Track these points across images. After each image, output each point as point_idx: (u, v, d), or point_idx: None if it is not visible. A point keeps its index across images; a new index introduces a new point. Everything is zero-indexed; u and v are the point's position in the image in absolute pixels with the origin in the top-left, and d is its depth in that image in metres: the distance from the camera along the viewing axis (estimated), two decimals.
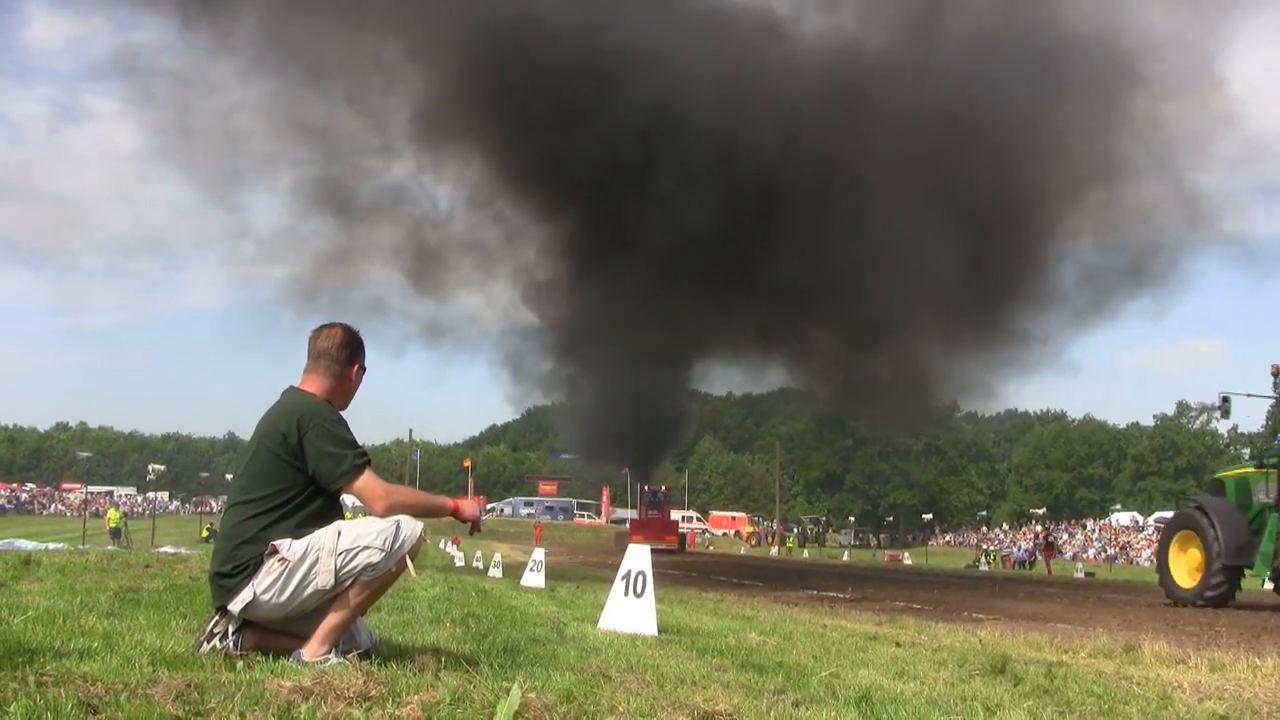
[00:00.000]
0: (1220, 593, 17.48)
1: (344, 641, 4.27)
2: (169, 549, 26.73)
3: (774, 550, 73.38)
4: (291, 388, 4.49)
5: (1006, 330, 37.55)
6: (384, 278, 41.21)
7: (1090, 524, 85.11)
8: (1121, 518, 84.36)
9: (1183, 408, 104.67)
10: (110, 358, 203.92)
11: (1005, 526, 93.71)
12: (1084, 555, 67.40)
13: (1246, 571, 17.91)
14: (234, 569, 4.19)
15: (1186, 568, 18.34)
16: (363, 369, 4.59)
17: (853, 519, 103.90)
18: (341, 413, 4.48)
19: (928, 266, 31.87)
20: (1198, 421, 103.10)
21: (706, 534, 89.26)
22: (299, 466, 4.26)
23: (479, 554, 28.04)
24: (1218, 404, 21.98)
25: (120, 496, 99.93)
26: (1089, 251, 37.54)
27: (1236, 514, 18.05)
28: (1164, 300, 42.13)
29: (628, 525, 59.70)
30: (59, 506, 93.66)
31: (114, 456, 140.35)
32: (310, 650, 4.14)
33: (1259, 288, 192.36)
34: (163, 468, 70.34)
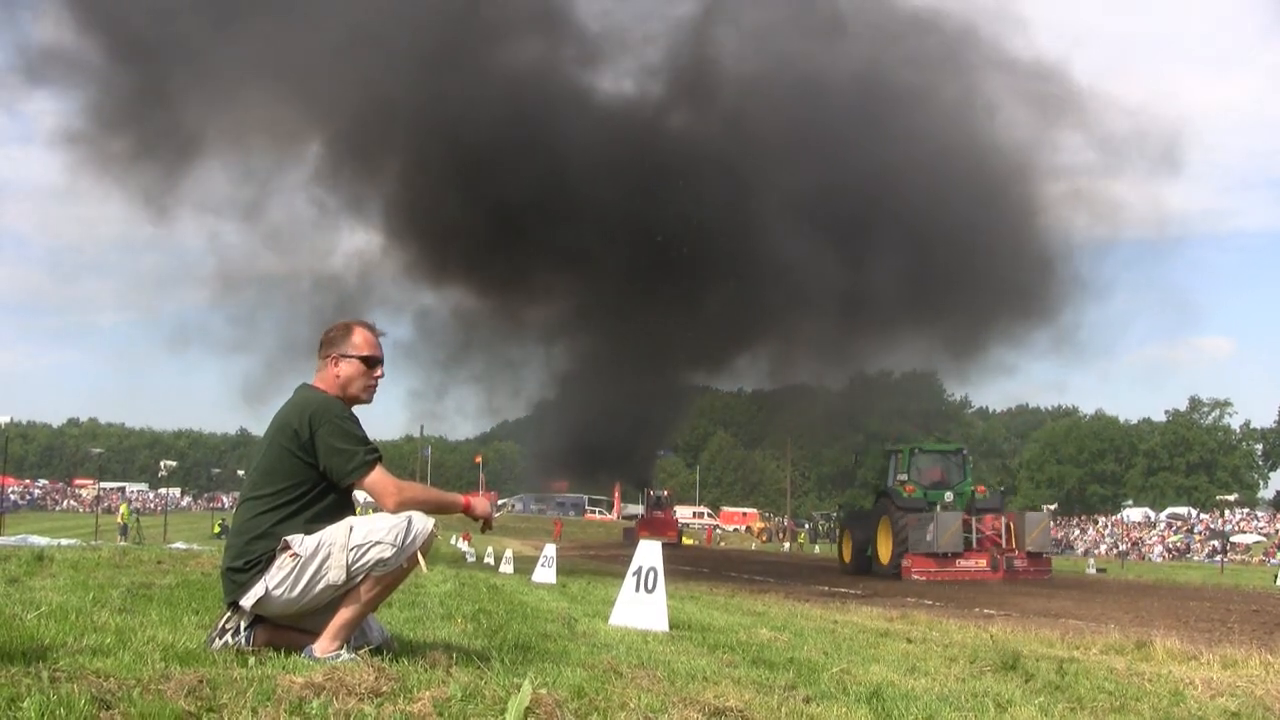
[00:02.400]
0: (859, 565, 29.22)
1: (355, 637, 4.27)
2: (181, 545, 26.75)
3: (785, 546, 73.30)
4: (304, 384, 4.50)
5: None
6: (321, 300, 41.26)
7: (1102, 520, 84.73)
8: (1133, 514, 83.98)
9: (1195, 403, 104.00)
10: (122, 354, 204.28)
11: None
12: (1095, 551, 67.22)
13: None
14: (246, 564, 4.20)
15: (850, 551, 30.46)
16: (346, 359, 4.43)
17: None
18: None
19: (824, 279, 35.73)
20: (1210, 417, 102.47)
21: (718, 529, 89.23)
22: (310, 462, 4.26)
23: (490, 550, 28.08)
24: None
25: (132, 492, 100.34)
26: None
27: (868, 519, 30.44)
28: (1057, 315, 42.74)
29: (636, 522, 60.32)
30: (71, 503, 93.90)
31: (126, 452, 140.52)
32: (322, 646, 4.15)
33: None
34: (174, 464, 70.30)
